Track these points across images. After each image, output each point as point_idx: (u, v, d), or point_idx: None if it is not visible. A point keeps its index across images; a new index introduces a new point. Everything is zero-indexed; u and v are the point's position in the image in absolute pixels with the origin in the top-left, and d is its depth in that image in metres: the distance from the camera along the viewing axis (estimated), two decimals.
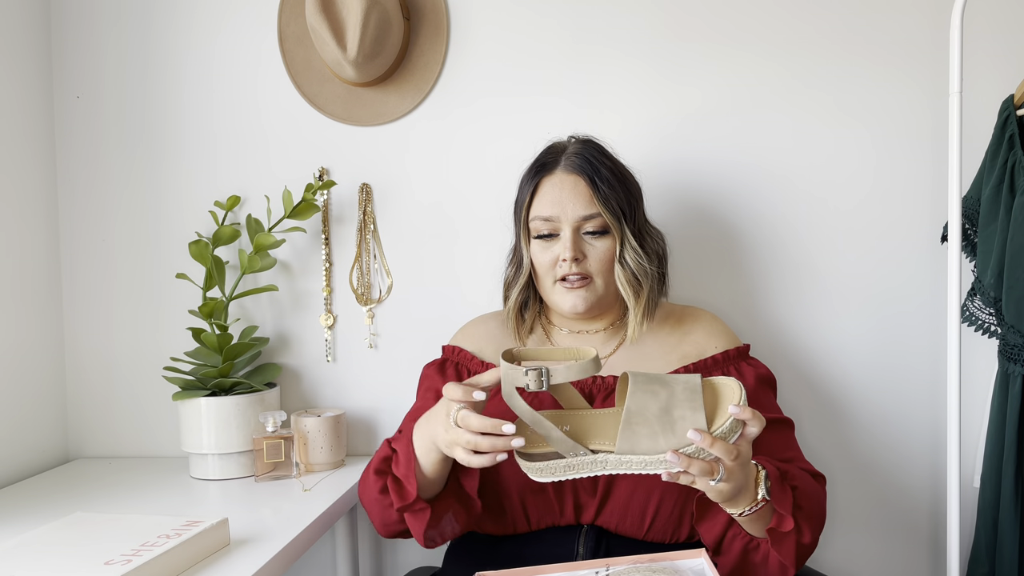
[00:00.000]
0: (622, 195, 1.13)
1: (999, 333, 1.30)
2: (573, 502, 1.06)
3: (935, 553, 1.43)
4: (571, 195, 1.11)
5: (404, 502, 0.98)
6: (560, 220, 1.11)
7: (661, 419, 0.87)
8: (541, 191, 1.14)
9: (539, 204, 1.14)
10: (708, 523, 1.02)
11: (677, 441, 0.86)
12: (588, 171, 1.12)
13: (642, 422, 0.87)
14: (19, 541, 0.95)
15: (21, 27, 1.44)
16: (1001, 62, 1.36)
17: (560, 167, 1.14)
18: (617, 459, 0.88)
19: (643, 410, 0.88)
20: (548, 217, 1.12)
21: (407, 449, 0.99)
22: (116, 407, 1.53)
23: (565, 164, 1.14)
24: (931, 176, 1.40)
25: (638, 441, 0.87)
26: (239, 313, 1.50)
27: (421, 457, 0.98)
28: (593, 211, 1.11)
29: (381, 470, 1.03)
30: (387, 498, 1.01)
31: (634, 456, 0.87)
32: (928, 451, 1.42)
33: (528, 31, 1.44)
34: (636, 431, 0.87)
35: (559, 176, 1.14)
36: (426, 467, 0.98)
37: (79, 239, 1.53)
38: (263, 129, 1.49)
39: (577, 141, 1.18)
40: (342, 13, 1.33)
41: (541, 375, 0.86)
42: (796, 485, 0.98)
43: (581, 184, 1.12)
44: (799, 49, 1.41)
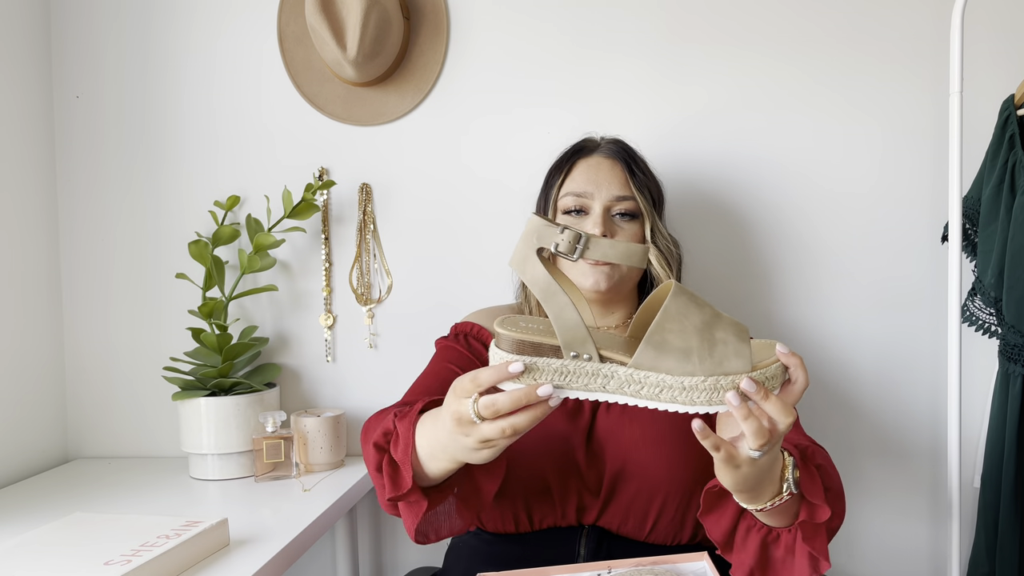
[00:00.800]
0: (654, 187, 1.18)
1: (999, 333, 1.30)
2: (576, 503, 1.06)
3: (935, 553, 1.43)
4: (608, 175, 1.14)
5: (398, 492, 0.85)
6: (593, 197, 1.13)
7: (701, 333, 0.69)
8: (576, 170, 1.16)
9: (573, 181, 1.15)
10: (716, 515, 0.91)
11: (713, 365, 0.69)
12: (625, 157, 1.16)
13: (678, 331, 0.69)
14: (19, 541, 0.95)
15: (21, 27, 1.44)
16: (1001, 62, 1.36)
17: (598, 151, 1.18)
18: (628, 375, 0.69)
19: (683, 316, 0.70)
20: (581, 193, 1.13)
21: (407, 433, 0.85)
22: (116, 407, 1.53)
23: (603, 149, 1.18)
24: (931, 176, 1.40)
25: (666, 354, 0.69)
26: (239, 313, 1.50)
27: (426, 460, 0.85)
28: (627, 193, 1.13)
29: (380, 445, 0.90)
30: (382, 477, 0.89)
31: (652, 374, 0.69)
32: (928, 451, 1.42)
33: (529, 31, 1.44)
34: (668, 340, 0.69)
35: (596, 158, 1.17)
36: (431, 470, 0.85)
37: (79, 239, 1.52)
38: (263, 129, 1.49)
39: (611, 138, 1.22)
40: (342, 13, 1.33)
41: (577, 241, 0.68)
42: (820, 464, 0.90)
43: (618, 168, 1.15)
44: (799, 49, 1.40)
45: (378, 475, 0.89)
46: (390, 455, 0.88)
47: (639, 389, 0.70)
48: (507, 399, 0.72)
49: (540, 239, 0.69)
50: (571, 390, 0.71)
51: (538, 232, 0.69)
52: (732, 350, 0.70)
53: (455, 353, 1.15)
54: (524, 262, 0.69)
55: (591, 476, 1.05)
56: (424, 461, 0.85)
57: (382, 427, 0.91)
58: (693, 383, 0.69)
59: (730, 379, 0.69)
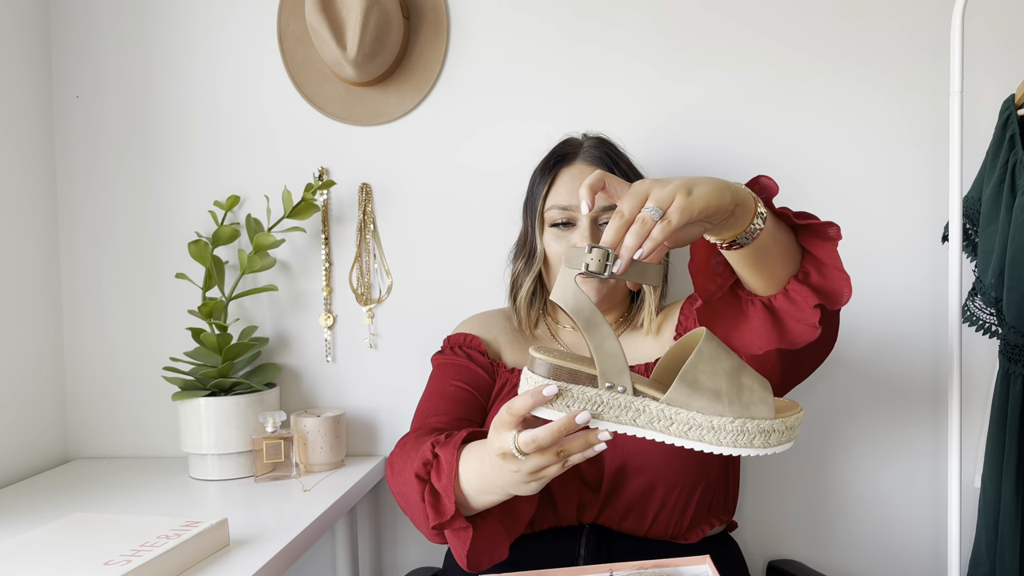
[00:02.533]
0: None
1: (1000, 333, 1.30)
2: (576, 502, 1.06)
3: (936, 553, 1.43)
4: None
5: (441, 519, 0.86)
6: (579, 209, 1.12)
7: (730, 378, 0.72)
8: (559, 181, 1.15)
9: (557, 194, 1.14)
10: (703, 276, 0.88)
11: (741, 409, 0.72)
12: (608, 164, 1.14)
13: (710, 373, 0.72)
14: (18, 541, 0.95)
15: (21, 27, 1.44)
16: (1001, 62, 1.36)
17: (579, 158, 1.16)
18: (659, 410, 0.71)
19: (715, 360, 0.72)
20: (566, 206, 1.13)
21: (450, 460, 0.87)
22: (115, 407, 1.53)
23: (584, 156, 1.16)
24: (932, 176, 1.40)
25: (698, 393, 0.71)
26: (239, 313, 1.50)
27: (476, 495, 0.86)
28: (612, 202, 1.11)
29: (421, 476, 0.90)
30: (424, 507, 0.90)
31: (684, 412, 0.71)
32: (928, 451, 1.42)
33: (528, 31, 1.44)
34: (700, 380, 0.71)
35: (579, 167, 1.15)
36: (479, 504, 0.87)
37: (79, 239, 1.52)
38: (263, 129, 1.49)
39: (593, 137, 1.20)
40: (342, 13, 1.33)
41: (606, 258, 0.68)
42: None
43: None
44: (800, 49, 1.40)
45: (421, 504, 0.89)
46: (432, 485, 0.89)
47: (668, 425, 0.72)
48: (546, 433, 0.72)
49: (568, 262, 0.70)
50: (603, 421, 0.73)
51: (567, 258, 0.70)
52: (758, 397, 0.73)
53: (454, 368, 1.15)
54: (566, 291, 0.70)
55: (591, 474, 1.05)
56: (472, 496, 0.85)
57: (420, 457, 0.91)
58: (722, 423, 0.71)
59: (756, 423, 0.72)
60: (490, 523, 0.91)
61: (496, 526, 0.92)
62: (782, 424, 0.73)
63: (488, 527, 0.91)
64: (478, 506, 0.87)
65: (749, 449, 0.72)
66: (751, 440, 0.72)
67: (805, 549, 1.45)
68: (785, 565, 1.38)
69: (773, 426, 0.73)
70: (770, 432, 0.73)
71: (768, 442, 0.73)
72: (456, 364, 1.15)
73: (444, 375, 1.15)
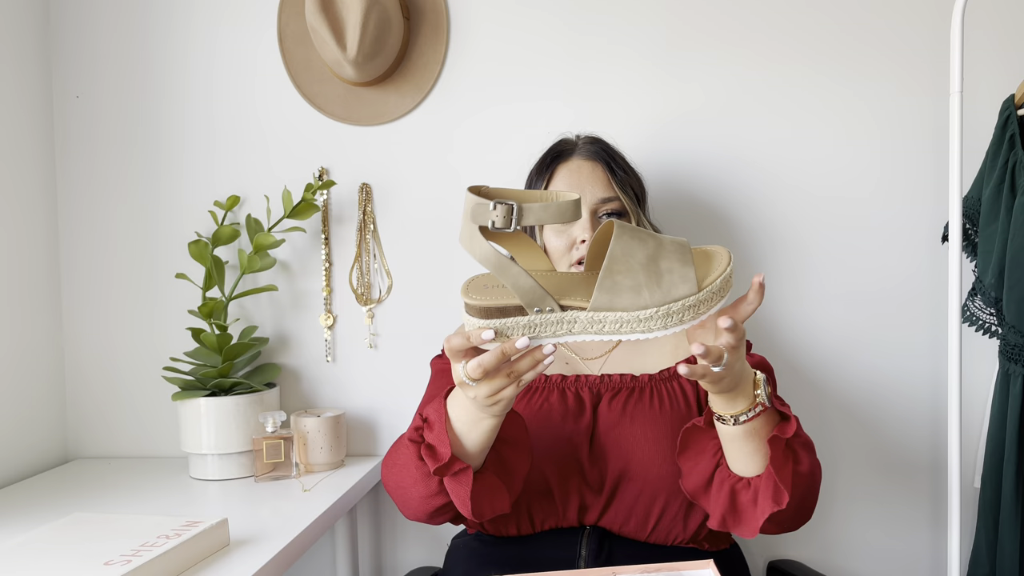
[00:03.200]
0: (636, 184, 1.18)
1: (1000, 333, 1.30)
2: (578, 503, 1.06)
3: (936, 553, 1.43)
4: (589, 178, 1.15)
5: (439, 462, 0.89)
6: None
7: (647, 269, 0.76)
8: (557, 176, 1.17)
9: (555, 187, 1.16)
10: (692, 461, 0.97)
11: (663, 295, 0.75)
12: (605, 158, 1.16)
13: (625, 271, 0.75)
14: (19, 541, 0.95)
15: (21, 27, 1.44)
16: (1001, 62, 1.36)
17: (576, 154, 1.18)
18: (588, 317, 0.76)
19: (628, 256, 0.76)
20: None
21: (438, 410, 0.91)
22: (115, 407, 1.53)
23: (581, 151, 1.18)
24: (932, 176, 1.40)
25: (618, 294, 0.75)
26: (239, 313, 1.50)
27: (466, 429, 0.90)
28: (611, 194, 1.14)
29: (414, 439, 0.95)
30: (425, 466, 0.92)
31: (610, 313, 0.76)
32: (928, 451, 1.42)
33: (528, 31, 1.44)
34: (617, 281, 0.75)
35: (576, 162, 1.17)
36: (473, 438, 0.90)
37: (79, 239, 1.52)
38: (263, 129, 1.49)
39: (586, 136, 1.22)
40: (342, 13, 1.33)
41: (510, 212, 0.73)
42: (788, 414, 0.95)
43: (599, 169, 1.16)
44: (800, 49, 1.41)
45: (419, 463, 0.93)
46: (426, 442, 0.92)
47: (601, 328, 0.77)
48: (491, 358, 0.79)
49: (479, 218, 0.74)
50: (543, 338, 0.78)
51: (475, 211, 0.74)
52: (678, 277, 0.76)
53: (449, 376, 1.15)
54: (471, 241, 0.75)
55: (593, 475, 1.05)
56: (462, 433, 0.90)
57: (412, 427, 0.96)
58: (647, 315, 0.76)
59: (679, 303, 0.76)
60: (486, 475, 0.94)
61: (493, 478, 0.95)
62: (707, 293, 0.76)
63: (485, 478, 0.94)
64: (470, 444, 0.90)
65: (683, 325, 0.77)
66: (681, 318, 0.76)
67: (805, 549, 1.45)
68: (785, 565, 1.38)
69: (699, 299, 0.76)
70: (697, 304, 0.76)
71: (699, 312, 0.77)
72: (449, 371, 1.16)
73: (440, 384, 1.17)
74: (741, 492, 0.93)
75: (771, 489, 0.89)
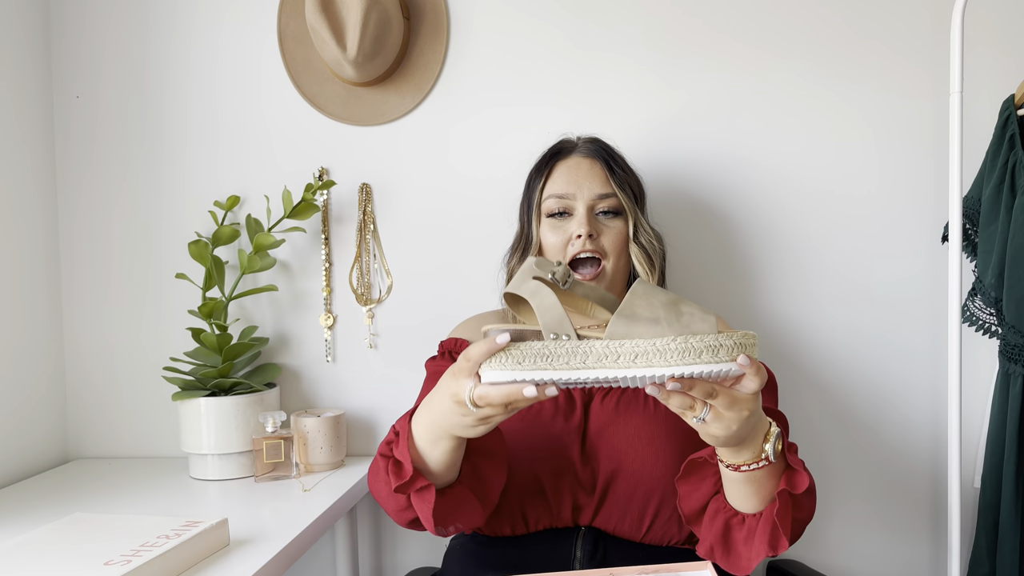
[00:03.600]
0: (635, 184, 1.19)
1: (999, 333, 1.30)
2: (571, 503, 1.06)
3: (936, 553, 1.43)
4: (587, 175, 1.15)
5: (401, 480, 0.89)
6: (575, 198, 1.14)
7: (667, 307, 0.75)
8: (556, 172, 1.18)
9: (554, 183, 1.17)
10: (693, 483, 0.96)
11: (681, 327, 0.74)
12: (603, 156, 1.18)
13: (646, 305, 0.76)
14: (19, 541, 0.95)
15: (21, 27, 1.44)
16: (1001, 62, 1.36)
17: (576, 152, 1.19)
18: (605, 347, 0.75)
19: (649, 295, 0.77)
20: (563, 194, 1.15)
21: (403, 427, 0.92)
22: (116, 407, 1.53)
23: (581, 149, 1.20)
24: (932, 176, 1.40)
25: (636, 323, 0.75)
26: (239, 313, 1.50)
27: (427, 448, 0.89)
28: (609, 191, 1.15)
29: (385, 453, 0.95)
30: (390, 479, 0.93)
31: (627, 342, 0.74)
32: (928, 451, 1.42)
33: (528, 31, 1.44)
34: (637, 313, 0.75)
35: (575, 159, 1.18)
36: (435, 457, 0.90)
37: (79, 239, 1.52)
38: (263, 129, 1.49)
39: (588, 136, 1.23)
40: (342, 13, 1.33)
41: (568, 275, 0.79)
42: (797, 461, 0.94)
43: (597, 166, 1.17)
44: (799, 49, 1.41)
45: (387, 477, 0.92)
46: (395, 458, 0.92)
47: (616, 359, 0.75)
48: (498, 394, 0.78)
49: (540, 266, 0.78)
50: (555, 371, 0.76)
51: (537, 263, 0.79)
52: (699, 318, 0.75)
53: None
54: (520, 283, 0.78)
55: (585, 474, 1.05)
56: (424, 451, 0.89)
57: (384, 441, 0.96)
58: (665, 344, 0.73)
59: (698, 337, 0.73)
60: (457, 488, 0.94)
61: (463, 490, 0.94)
62: (728, 339, 0.74)
63: (455, 491, 0.93)
64: (433, 461, 0.89)
65: (702, 364, 0.73)
66: (699, 355, 0.73)
67: (805, 549, 1.45)
68: (785, 565, 1.38)
69: (719, 340, 0.74)
70: (717, 347, 0.74)
71: (718, 357, 0.74)
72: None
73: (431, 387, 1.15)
74: (735, 528, 0.92)
75: (768, 534, 0.88)
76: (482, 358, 0.78)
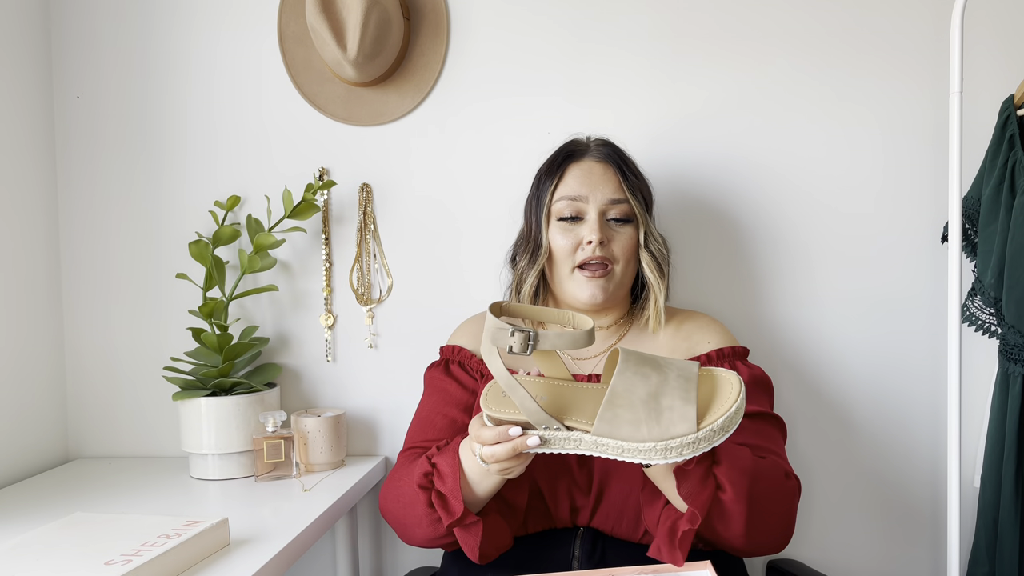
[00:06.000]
0: (645, 190, 1.19)
1: (999, 333, 1.30)
2: (569, 504, 1.06)
3: (935, 553, 1.43)
4: (601, 179, 1.15)
5: (453, 517, 0.96)
6: (588, 201, 1.13)
7: (647, 405, 0.80)
8: (569, 174, 1.16)
9: (566, 186, 1.15)
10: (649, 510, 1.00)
11: (661, 432, 0.79)
12: (617, 160, 1.17)
13: (626, 405, 0.80)
14: (19, 541, 0.95)
15: (21, 27, 1.44)
16: (1001, 62, 1.36)
17: (589, 155, 1.18)
18: (593, 440, 0.82)
19: (629, 392, 0.81)
20: (575, 196, 1.14)
21: (452, 464, 0.97)
22: (116, 407, 1.53)
23: (594, 153, 1.18)
24: (931, 176, 1.40)
25: (618, 426, 0.80)
26: (239, 313, 1.50)
27: (477, 482, 0.96)
28: (621, 196, 1.14)
29: (424, 485, 1.00)
30: (435, 513, 0.99)
31: (611, 440, 0.81)
32: (928, 451, 1.42)
33: (528, 30, 1.44)
34: (618, 414, 0.81)
35: (588, 163, 1.17)
36: (483, 489, 0.97)
37: (79, 239, 1.53)
38: (263, 129, 1.49)
39: (598, 138, 1.22)
40: (342, 13, 1.33)
41: (528, 338, 0.80)
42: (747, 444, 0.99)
43: (611, 171, 1.16)
44: (798, 49, 1.41)
45: (429, 511, 0.98)
46: (437, 491, 0.98)
47: (605, 450, 0.82)
48: (504, 453, 0.87)
49: (497, 340, 0.81)
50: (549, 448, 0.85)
51: (494, 333, 0.81)
52: (679, 415, 0.80)
53: (441, 395, 1.17)
54: (488, 357, 0.82)
55: (582, 476, 1.05)
56: (475, 483, 0.96)
57: (419, 469, 1.01)
58: (647, 447, 0.80)
59: (678, 440, 0.79)
60: (491, 517, 1.00)
61: (497, 519, 1.01)
62: (708, 431, 0.80)
63: (491, 521, 0.99)
64: (481, 492, 0.97)
65: (681, 457, 0.80)
66: (680, 452, 0.80)
67: (805, 549, 1.45)
68: (785, 565, 1.38)
69: (697, 437, 0.80)
70: (696, 442, 0.80)
71: (698, 447, 0.80)
72: (443, 390, 1.18)
73: (432, 402, 1.19)
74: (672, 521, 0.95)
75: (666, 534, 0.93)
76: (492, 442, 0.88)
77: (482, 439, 0.88)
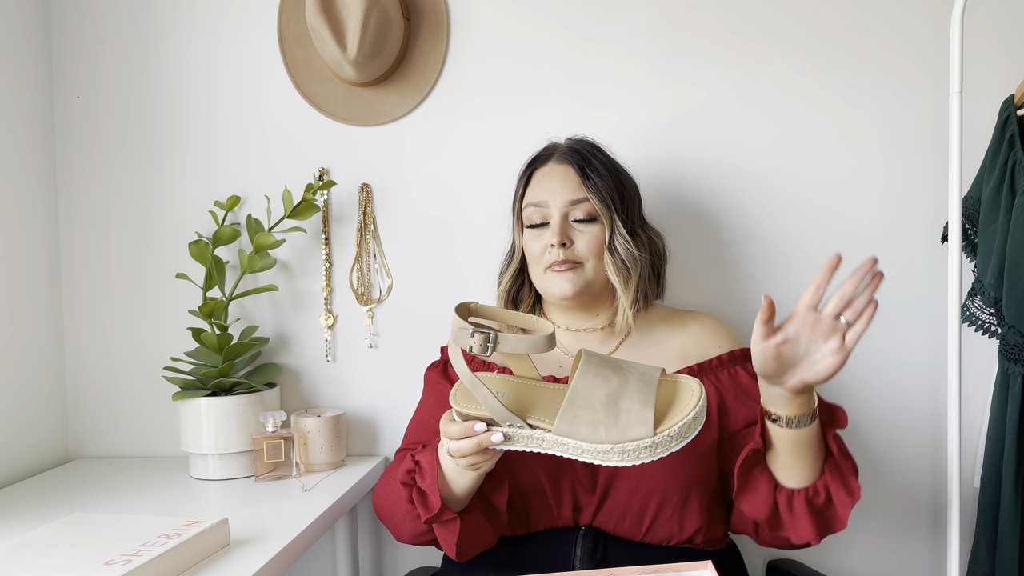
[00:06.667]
0: (613, 186, 1.13)
1: (999, 333, 1.30)
2: (572, 503, 1.06)
3: (935, 553, 1.43)
4: (560, 182, 1.14)
5: (430, 513, 0.97)
6: (549, 206, 1.13)
7: (606, 407, 0.82)
8: (534, 180, 1.18)
9: (530, 193, 1.17)
10: (752, 493, 0.99)
11: (619, 434, 0.82)
12: (578, 160, 1.15)
13: (586, 406, 0.83)
14: (19, 541, 0.95)
15: (21, 27, 1.44)
16: (1001, 62, 1.36)
17: (553, 158, 1.18)
18: (554, 439, 0.85)
19: (589, 393, 0.83)
20: (538, 203, 1.14)
21: (431, 461, 0.99)
22: (116, 407, 1.53)
23: (557, 156, 1.18)
24: (931, 176, 1.40)
25: (578, 426, 0.83)
26: (239, 313, 1.50)
27: (454, 479, 0.98)
28: (581, 196, 1.12)
29: (406, 482, 1.02)
30: (415, 509, 1.00)
31: (571, 440, 0.83)
32: (928, 451, 1.42)
33: (528, 31, 1.44)
34: (577, 415, 0.83)
35: (550, 166, 1.17)
36: (460, 486, 0.98)
37: (79, 239, 1.52)
38: (263, 129, 1.49)
39: (572, 139, 1.21)
40: (342, 13, 1.33)
41: (488, 340, 0.81)
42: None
43: (571, 172, 1.15)
44: (798, 49, 1.40)
45: (410, 507, 1.00)
46: (418, 487, 1.00)
47: (566, 448, 0.85)
48: (468, 448, 0.90)
49: (459, 341, 0.82)
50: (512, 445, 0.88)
51: (457, 334, 0.83)
52: (636, 419, 0.81)
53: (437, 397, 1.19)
54: (454, 356, 0.84)
55: (586, 475, 1.05)
56: (452, 480, 0.98)
57: (403, 468, 1.03)
58: (604, 448, 0.82)
59: (635, 443, 0.81)
60: (473, 515, 1.01)
61: (478, 516, 1.01)
62: (664, 436, 0.81)
63: (471, 519, 1.00)
64: (459, 490, 0.98)
65: (638, 460, 0.82)
66: (637, 455, 0.82)
67: (805, 549, 1.45)
68: (785, 565, 1.38)
69: (654, 441, 0.81)
70: (653, 446, 0.82)
71: (655, 452, 0.82)
72: (439, 392, 1.19)
73: (429, 403, 1.20)
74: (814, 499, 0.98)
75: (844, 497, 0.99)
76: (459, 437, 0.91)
77: (449, 434, 0.91)
